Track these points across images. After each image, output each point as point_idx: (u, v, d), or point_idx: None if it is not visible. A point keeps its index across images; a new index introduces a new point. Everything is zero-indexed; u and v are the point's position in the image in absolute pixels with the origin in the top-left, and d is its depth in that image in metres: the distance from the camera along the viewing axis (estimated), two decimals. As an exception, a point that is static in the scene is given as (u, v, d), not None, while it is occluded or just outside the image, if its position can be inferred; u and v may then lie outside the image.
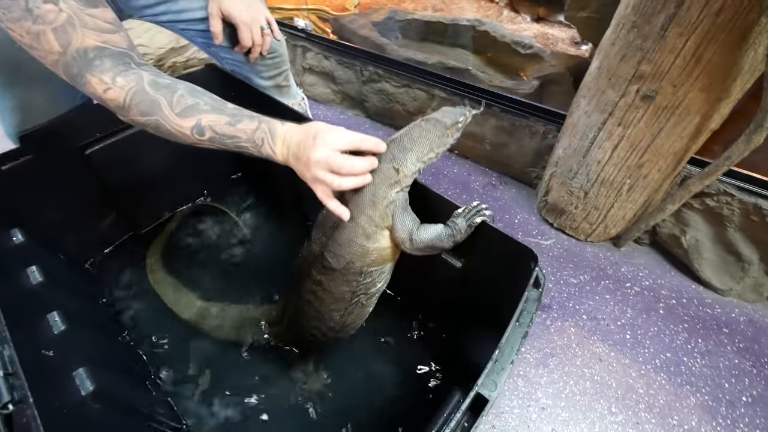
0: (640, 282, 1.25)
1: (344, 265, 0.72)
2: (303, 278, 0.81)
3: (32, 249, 0.80)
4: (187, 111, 0.66)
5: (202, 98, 0.68)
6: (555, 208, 1.39)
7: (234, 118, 0.68)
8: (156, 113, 0.65)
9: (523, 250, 0.61)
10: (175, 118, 0.66)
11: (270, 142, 0.68)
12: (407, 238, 0.69)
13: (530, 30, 2.46)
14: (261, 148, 0.68)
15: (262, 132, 0.68)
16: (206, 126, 0.66)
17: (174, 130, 0.66)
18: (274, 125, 0.68)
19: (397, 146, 0.71)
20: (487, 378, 0.50)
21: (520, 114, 1.47)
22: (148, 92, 0.65)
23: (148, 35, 1.77)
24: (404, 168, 0.70)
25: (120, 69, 0.65)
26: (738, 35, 0.86)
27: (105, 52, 0.64)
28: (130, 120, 0.67)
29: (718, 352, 1.08)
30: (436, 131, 0.73)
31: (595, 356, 1.07)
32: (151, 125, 0.66)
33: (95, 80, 0.63)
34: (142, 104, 0.64)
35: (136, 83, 0.65)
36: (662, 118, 1.03)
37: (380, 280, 0.77)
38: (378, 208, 0.69)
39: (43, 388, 0.53)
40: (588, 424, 0.94)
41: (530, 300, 0.57)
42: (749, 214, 1.10)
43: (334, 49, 1.86)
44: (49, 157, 0.90)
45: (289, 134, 0.68)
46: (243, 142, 0.67)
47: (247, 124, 0.67)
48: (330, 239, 0.73)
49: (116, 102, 0.64)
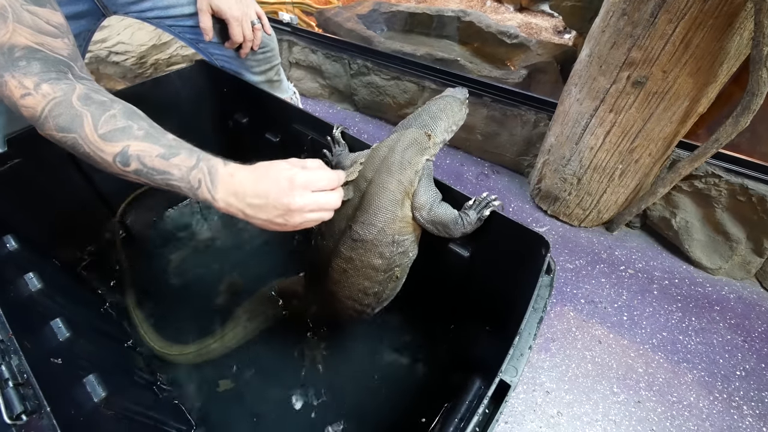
0: (633, 264, 1.28)
1: (375, 234, 0.69)
2: (329, 261, 0.76)
3: (27, 255, 0.78)
4: (114, 134, 0.55)
5: (137, 122, 0.58)
6: (548, 195, 1.41)
7: (169, 150, 0.56)
8: (74, 131, 0.55)
9: (534, 237, 0.62)
10: (97, 140, 0.55)
11: (208, 184, 0.56)
12: (426, 207, 0.69)
13: (514, 20, 2.48)
14: (197, 191, 0.56)
15: (200, 172, 0.56)
16: (133, 155, 0.55)
17: (93, 154, 0.55)
18: (216, 165, 0.57)
19: (428, 114, 0.75)
20: (508, 364, 0.51)
21: (511, 103, 1.48)
22: (73, 105, 0.55)
23: (128, 32, 1.72)
24: (435, 135, 0.73)
25: (50, 76, 0.56)
26: (724, 21, 0.88)
27: (36, 55, 0.57)
28: (47, 135, 0.57)
29: (711, 329, 1.12)
30: (455, 105, 0.80)
31: (595, 339, 1.09)
32: (67, 144, 0.56)
33: (14, 82, 0.55)
34: (60, 118, 0.55)
35: (63, 93, 0.56)
36: (653, 104, 1.05)
37: (411, 249, 0.76)
38: (407, 173, 0.69)
39: (57, 396, 0.52)
40: (592, 405, 0.97)
41: (543, 286, 0.58)
42: (736, 194, 1.14)
43: (321, 42, 1.84)
44: (38, 160, 0.87)
45: (237, 179, 0.56)
46: (175, 180, 0.56)
47: (184, 160, 0.56)
48: (358, 209, 0.70)
49: (32, 111, 0.55)
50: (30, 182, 0.88)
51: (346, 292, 0.78)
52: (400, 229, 0.71)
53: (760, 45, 0.82)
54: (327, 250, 0.77)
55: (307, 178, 0.57)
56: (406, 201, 0.70)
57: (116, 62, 1.73)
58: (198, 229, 1.27)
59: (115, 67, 1.76)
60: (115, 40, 1.71)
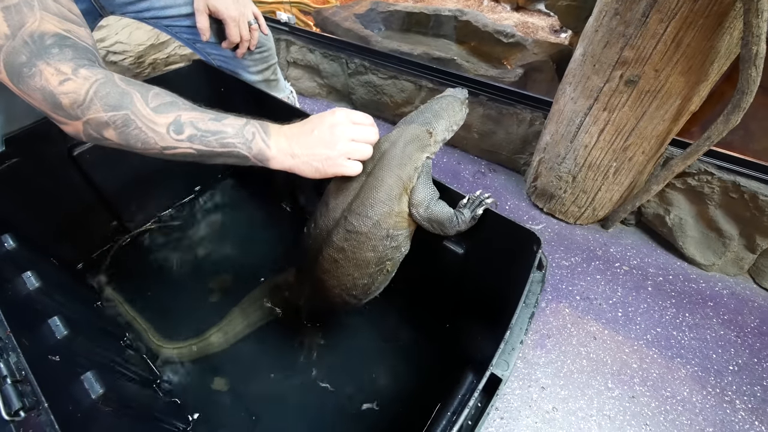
0: (628, 261, 1.30)
1: (370, 227, 0.70)
2: (320, 249, 0.76)
3: (25, 254, 0.78)
4: (165, 107, 0.58)
5: (180, 99, 0.61)
6: (544, 193, 1.42)
7: (217, 115, 0.61)
8: (127, 107, 0.56)
9: (526, 234, 0.63)
10: (150, 113, 0.57)
11: (262, 135, 0.62)
12: (424, 204, 0.70)
13: (511, 19, 2.49)
14: (251, 143, 0.61)
15: (253, 126, 0.62)
16: (186, 122, 0.58)
17: (146, 127, 0.57)
18: (265, 122, 0.64)
19: (430, 112, 0.76)
20: (500, 358, 0.52)
21: (507, 102, 1.49)
22: (119, 85, 0.57)
23: (126, 32, 1.72)
24: (436, 133, 0.74)
25: (83, 62, 0.56)
26: (714, 20, 0.89)
27: (66, 42, 0.56)
28: (91, 119, 0.56)
29: (705, 324, 1.13)
30: (455, 105, 0.81)
31: (590, 335, 1.10)
32: (118, 122, 0.56)
33: (50, 70, 0.54)
34: (109, 97, 0.55)
35: (104, 76, 0.56)
36: (645, 102, 1.06)
37: (404, 245, 0.76)
38: (407, 169, 0.70)
39: (55, 393, 0.52)
40: (586, 401, 0.98)
41: (535, 282, 0.59)
42: (729, 191, 1.15)
43: (319, 42, 1.85)
44: (37, 159, 0.88)
45: (286, 127, 0.65)
46: (230, 137, 0.60)
47: (234, 120, 0.62)
48: (355, 200, 0.70)
49: (74, 96, 0.54)
50: (29, 182, 0.89)
51: (334, 282, 0.77)
52: (395, 224, 0.71)
53: (749, 44, 0.83)
54: (320, 239, 0.76)
55: (348, 111, 0.65)
56: (404, 196, 0.71)
57: (114, 62, 1.73)
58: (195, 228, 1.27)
59: (113, 67, 1.77)
60: (113, 39, 1.71)
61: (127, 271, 1.13)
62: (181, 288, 1.11)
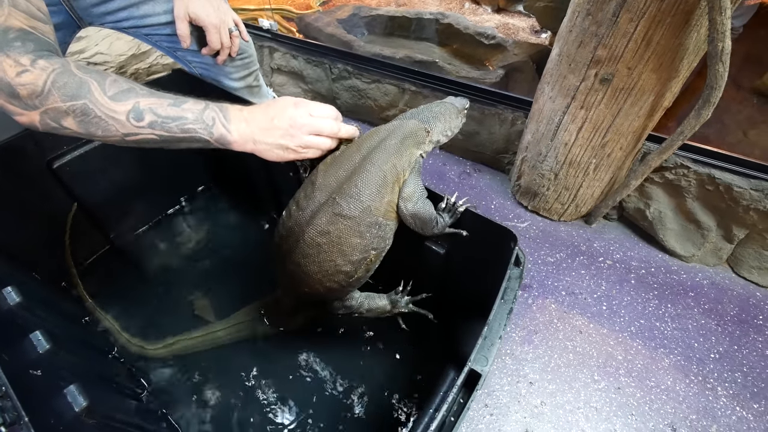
0: (611, 255, 1.32)
1: (360, 211, 0.67)
2: (302, 232, 0.71)
3: (5, 269, 0.78)
4: (122, 94, 0.58)
5: (137, 84, 0.61)
6: (528, 191, 1.44)
7: (176, 100, 0.62)
8: (84, 96, 0.56)
9: (502, 232, 0.64)
10: (108, 102, 0.57)
11: (222, 119, 0.63)
12: (413, 199, 0.71)
13: (492, 21, 2.52)
14: (212, 128, 0.62)
15: (212, 111, 0.63)
16: (145, 108, 0.58)
17: (105, 116, 0.57)
18: (224, 105, 0.65)
19: (429, 112, 0.78)
20: (478, 354, 0.53)
21: (489, 103, 1.51)
22: (75, 74, 0.57)
23: (106, 42, 1.71)
24: (433, 133, 0.76)
25: (44, 54, 0.58)
26: (681, 18, 0.92)
27: (30, 37, 0.58)
28: (49, 109, 0.57)
29: (686, 314, 1.16)
30: (453, 111, 0.83)
31: (576, 329, 1.12)
32: (77, 111, 0.57)
33: (9, 62, 0.55)
34: (66, 87, 0.56)
35: (61, 65, 0.57)
36: (620, 99, 1.08)
37: (389, 237, 0.74)
38: (403, 160, 0.71)
39: (36, 407, 0.52)
40: (574, 394, 0.99)
41: (512, 278, 0.61)
42: (704, 183, 1.18)
43: (302, 48, 1.86)
44: (15, 172, 0.87)
45: (247, 110, 0.65)
46: (190, 122, 0.61)
47: (194, 104, 0.62)
48: (346, 182, 0.68)
49: (31, 87, 0.55)
50: (8, 195, 0.88)
51: (315, 268, 0.72)
52: (385, 213, 0.70)
53: (715, 41, 0.86)
54: (302, 221, 0.71)
55: (309, 103, 0.66)
56: (396, 187, 0.71)
57: (95, 73, 1.72)
58: (183, 237, 1.27)
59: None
60: (93, 50, 1.70)
61: (110, 283, 1.12)
62: (163, 299, 1.11)
